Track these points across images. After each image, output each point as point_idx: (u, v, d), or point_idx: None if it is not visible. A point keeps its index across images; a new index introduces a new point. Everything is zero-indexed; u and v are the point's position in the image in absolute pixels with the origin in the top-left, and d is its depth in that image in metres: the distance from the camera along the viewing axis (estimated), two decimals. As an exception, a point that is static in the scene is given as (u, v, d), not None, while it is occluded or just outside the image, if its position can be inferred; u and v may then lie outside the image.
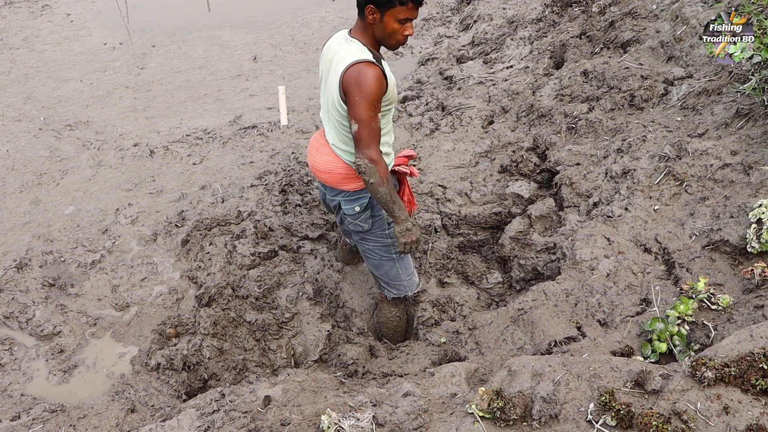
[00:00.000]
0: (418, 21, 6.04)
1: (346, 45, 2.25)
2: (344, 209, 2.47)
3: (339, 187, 2.43)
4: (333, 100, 2.24)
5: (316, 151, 2.45)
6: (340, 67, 2.17)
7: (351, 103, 2.14)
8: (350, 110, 2.15)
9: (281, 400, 2.01)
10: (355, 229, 2.53)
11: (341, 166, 2.38)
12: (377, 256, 2.63)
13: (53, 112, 4.76)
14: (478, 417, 1.64)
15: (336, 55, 2.25)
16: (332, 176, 2.41)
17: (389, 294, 2.78)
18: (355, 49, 2.20)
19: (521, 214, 3.21)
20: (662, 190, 2.66)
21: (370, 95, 2.12)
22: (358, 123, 2.15)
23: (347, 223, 2.54)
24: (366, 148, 2.18)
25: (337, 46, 2.29)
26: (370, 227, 2.53)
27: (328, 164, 2.40)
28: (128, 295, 3.09)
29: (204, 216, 3.52)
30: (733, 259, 2.22)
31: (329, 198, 2.55)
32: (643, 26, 3.86)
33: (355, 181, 2.40)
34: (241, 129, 4.43)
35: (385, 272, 2.68)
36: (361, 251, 2.69)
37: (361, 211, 2.46)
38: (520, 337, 2.34)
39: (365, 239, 2.60)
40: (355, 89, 2.11)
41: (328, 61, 2.30)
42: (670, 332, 1.97)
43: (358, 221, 2.50)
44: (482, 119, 3.97)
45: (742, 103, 2.82)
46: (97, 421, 2.28)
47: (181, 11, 6.52)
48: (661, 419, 1.48)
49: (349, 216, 2.49)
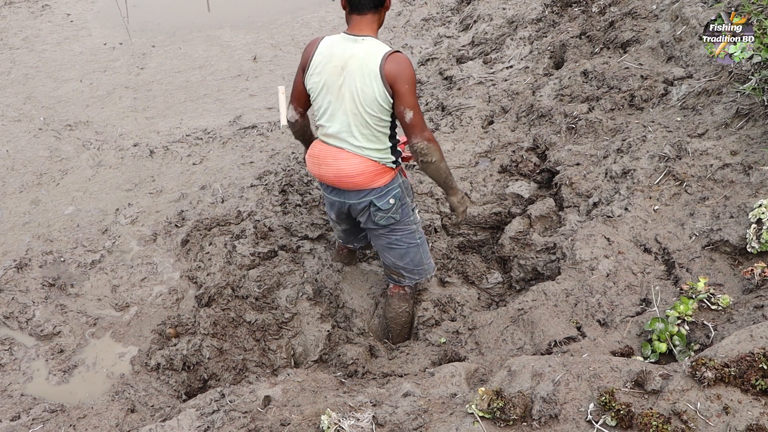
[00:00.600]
0: (418, 21, 6.04)
1: (360, 44, 2.27)
2: (379, 205, 2.49)
3: (370, 185, 2.45)
4: (372, 99, 2.26)
5: (336, 160, 2.42)
6: (372, 65, 2.23)
7: (400, 93, 2.24)
8: (402, 100, 2.25)
9: (281, 400, 2.01)
10: (387, 222, 2.56)
11: (371, 164, 2.41)
12: (405, 245, 2.66)
13: (53, 112, 4.76)
14: (478, 417, 1.64)
15: (352, 58, 2.26)
16: (366, 177, 2.42)
17: (412, 281, 2.80)
18: (372, 43, 2.27)
19: (521, 214, 3.21)
20: (662, 190, 2.66)
21: (413, 81, 2.25)
22: (412, 109, 2.26)
23: (378, 219, 2.55)
24: (422, 131, 2.31)
25: (346, 50, 2.29)
26: (401, 216, 2.58)
27: (359, 167, 2.40)
28: (128, 295, 3.09)
29: (204, 216, 3.52)
30: (733, 259, 2.22)
31: (356, 202, 2.53)
32: (643, 26, 3.86)
33: (386, 174, 2.46)
34: (241, 129, 4.43)
35: (411, 259, 2.71)
36: (384, 245, 2.68)
37: (395, 202, 2.52)
38: (520, 337, 2.34)
39: (393, 231, 2.62)
40: (401, 79, 2.22)
41: (338, 66, 2.29)
42: (670, 332, 1.97)
43: (390, 214, 2.54)
44: (482, 119, 3.97)
45: (742, 103, 2.82)
46: (97, 421, 2.28)
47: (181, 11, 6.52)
48: (661, 419, 1.48)
49: (382, 211, 2.52)
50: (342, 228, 2.87)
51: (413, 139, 2.32)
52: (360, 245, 3.08)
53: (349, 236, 2.95)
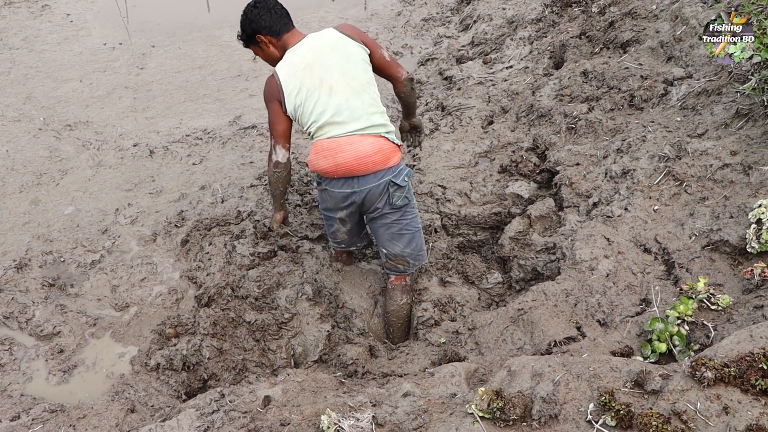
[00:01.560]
0: (418, 21, 6.04)
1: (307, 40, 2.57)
2: (398, 182, 2.59)
3: (387, 164, 2.55)
4: (357, 57, 2.55)
5: (350, 144, 2.49)
6: (334, 36, 2.54)
7: (369, 42, 2.58)
8: (374, 46, 2.60)
9: (281, 401, 2.01)
10: (402, 203, 2.66)
11: (384, 141, 2.54)
12: (413, 229, 2.77)
13: (53, 112, 4.75)
14: (477, 417, 1.64)
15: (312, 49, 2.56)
16: (383, 154, 2.53)
17: (414, 268, 2.87)
18: (315, 35, 2.57)
19: (521, 214, 3.21)
20: (662, 191, 2.67)
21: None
22: (385, 49, 2.65)
23: (395, 199, 2.62)
24: (401, 65, 2.71)
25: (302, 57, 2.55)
26: (411, 198, 2.71)
27: (374, 144, 2.51)
28: (128, 295, 3.09)
29: (204, 216, 3.52)
30: (732, 260, 2.22)
31: (374, 186, 2.58)
32: (642, 26, 3.86)
33: (397, 153, 2.60)
34: (241, 129, 4.43)
35: (416, 245, 2.80)
36: (395, 232, 2.73)
37: (408, 180, 2.65)
38: (520, 337, 2.34)
39: (405, 214, 2.71)
40: (360, 33, 2.57)
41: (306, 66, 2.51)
42: (669, 332, 1.97)
43: (406, 193, 2.65)
44: (482, 119, 3.97)
45: (741, 104, 2.82)
46: (96, 421, 2.28)
47: (181, 11, 6.52)
48: (660, 419, 1.48)
49: (401, 189, 2.62)
50: (347, 228, 2.85)
51: (401, 71, 2.67)
52: (362, 244, 3.08)
53: (352, 236, 2.95)
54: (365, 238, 3.04)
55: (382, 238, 2.78)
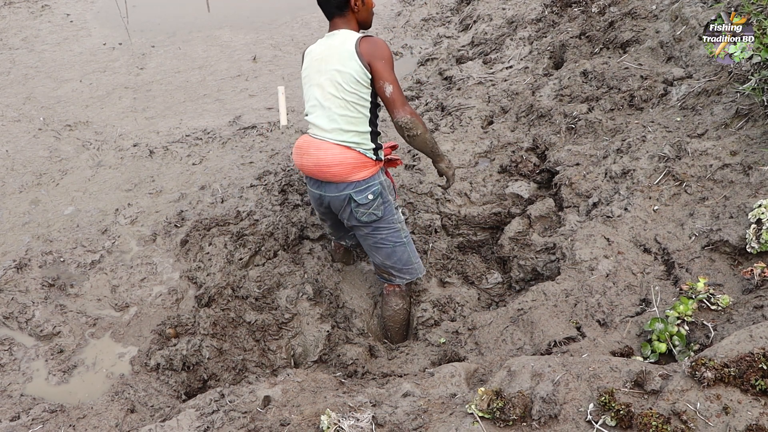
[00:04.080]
0: (418, 21, 6.04)
1: (334, 37, 2.41)
2: (357, 200, 2.49)
3: (349, 178, 2.45)
4: (350, 78, 2.35)
5: (317, 149, 2.45)
6: (348, 46, 2.34)
7: (378, 69, 2.33)
8: (380, 75, 2.34)
9: (281, 401, 2.01)
10: (369, 219, 2.55)
11: (350, 155, 2.41)
12: (390, 244, 2.65)
13: (53, 113, 4.75)
14: (477, 417, 1.64)
15: (329, 48, 2.40)
16: (343, 168, 2.42)
17: (403, 280, 2.79)
18: (346, 33, 2.39)
19: (521, 214, 3.21)
20: (662, 191, 2.67)
21: (390, 58, 2.36)
22: (391, 84, 2.34)
23: (359, 215, 2.54)
24: (403, 105, 2.37)
25: (322, 45, 2.44)
26: (383, 214, 2.57)
27: (336, 157, 2.41)
28: (128, 296, 3.09)
29: (203, 216, 3.52)
30: (732, 260, 2.22)
31: (335, 195, 2.53)
32: (642, 26, 3.86)
33: (365, 168, 2.46)
34: (241, 129, 4.43)
35: (398, 258, 2.70)
36: (371, 244, 2.67)
37: (374, 198, 2.51)
38: (520, 337, 2.34)
39: (377, 229, 2.61)
40: (377, 55, 2.33)
41: (318, 59, 2.42)
42: (669, 332, 1.97)
43: (371, 210, 2.53)
44: (482, 119, 3.97)
45: (741, 104, 2.82)
46: (96, 421, 2.28)
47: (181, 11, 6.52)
48: (660, 419, 1.48)
49: (362, 207, 2.51)
50: (329, 224, 2.89)
51: (396, 114, 2.36)
52: (351, 243, 3.09)
53: (338, 232, 2.97)
54: (353, 237, 3.03)
55: (365, 248, 2.79)
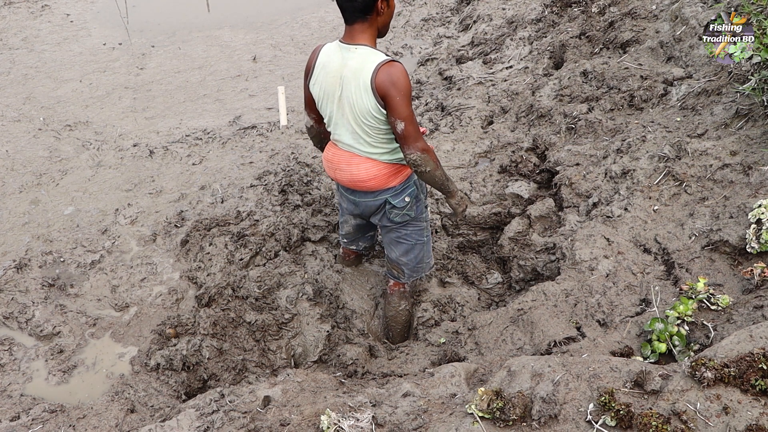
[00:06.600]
0: (418, 21, 6.04)
1: (353, 53, 2.24)
2: (395, 203, 2.53)
3: (385, 186, 2.49)
4: (366, 111, 2.24)
5: (348, 165, 2.45)
6: (365, 76, 2.19)
7: (392, 105, 2.19)
8: (393, 111, 2.20)
9: (281, 401, 2.01)
10: (403, 219, 2.61)
11: (383, 167, 2.44)
12: (412, 241, 2.70)
13: (53, 113, 4.75)
14: (477, 417, 1.64)
15: (346, 68, 2.25)
16: (378, 180, 2.46)
17: (409, 278, 2.83)
18: (365, 53, 2.22)
19: (521, 214, 3.21)
20: (662, 191, 2.67)
21: (406, 91, 2.19)
22: (404, 121, 2.21)
23: (393, 216, 2.58)
24: (415, 142, 2.26)
25: (340, 60, 2.27)
26: (415, 214, 2.63)
27: (370, 171, 2.43)
28: (128, 296, 3.09)
29: (203, 216, 3.52)
30: (732, 260, 2.22)
31: (370, 201, 2.56)
32: (642, 26, 3.87)
33: (400, 174, 2.49)
34: (241, 129, 4.43)
35: (415, 255, 2.75)
36: (393, 237, 2.71)
37: (410, 200, 2.55)
38: (520, 337, 2.34)
39: (405, 226, 2.66)
40: (393, 90, 2.16)
41: (336, 76, 2.28)
42: (669, 332, 1.97)
43: (406, 211, 2.58)
44: (482, 119, 3.97)
45: (741, 104, 2.82)
46: (96, 421, 2.28)
47: (181, 11, 6.52)
48: (660, 419, 1.48)
49: (398, 209, 2.56)
50: (353, 224, 2.89)
51: (406, 150, 2.27)
52: (365, 245, 3.09)
53: (357, 233, 2.97)
54: (369, 240, 3.07)
55: (384, 240, 2.82)
